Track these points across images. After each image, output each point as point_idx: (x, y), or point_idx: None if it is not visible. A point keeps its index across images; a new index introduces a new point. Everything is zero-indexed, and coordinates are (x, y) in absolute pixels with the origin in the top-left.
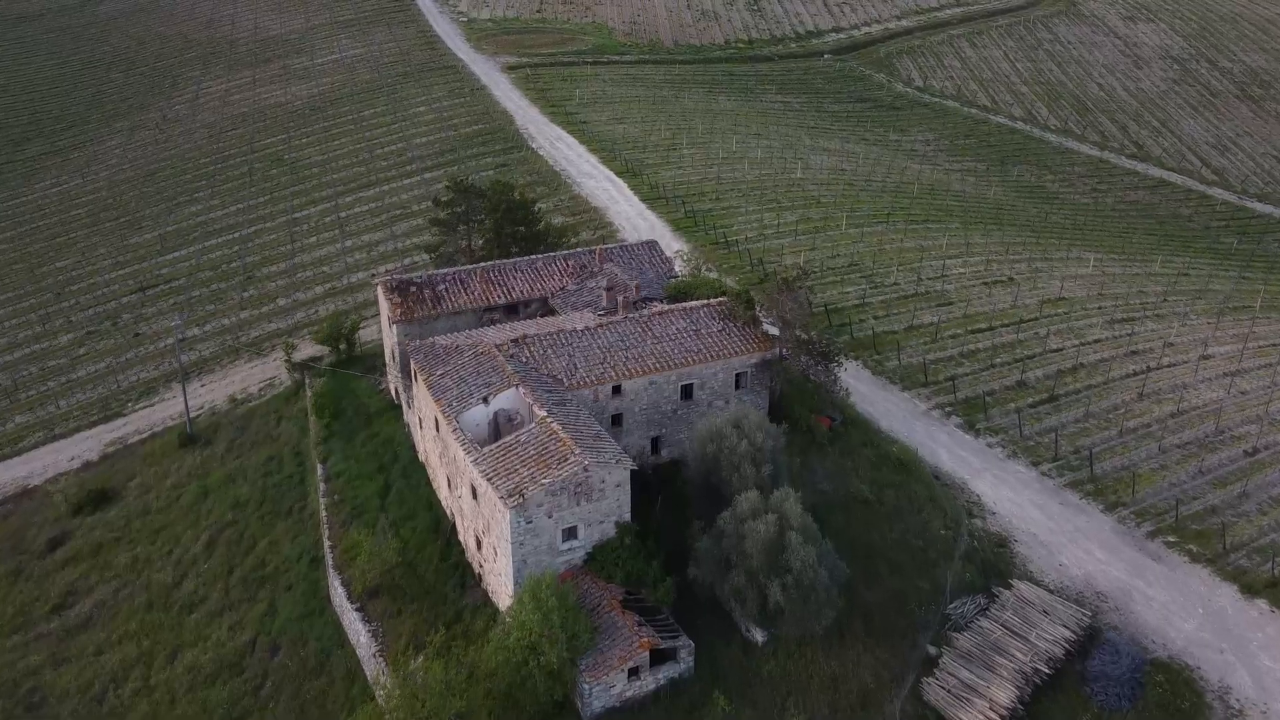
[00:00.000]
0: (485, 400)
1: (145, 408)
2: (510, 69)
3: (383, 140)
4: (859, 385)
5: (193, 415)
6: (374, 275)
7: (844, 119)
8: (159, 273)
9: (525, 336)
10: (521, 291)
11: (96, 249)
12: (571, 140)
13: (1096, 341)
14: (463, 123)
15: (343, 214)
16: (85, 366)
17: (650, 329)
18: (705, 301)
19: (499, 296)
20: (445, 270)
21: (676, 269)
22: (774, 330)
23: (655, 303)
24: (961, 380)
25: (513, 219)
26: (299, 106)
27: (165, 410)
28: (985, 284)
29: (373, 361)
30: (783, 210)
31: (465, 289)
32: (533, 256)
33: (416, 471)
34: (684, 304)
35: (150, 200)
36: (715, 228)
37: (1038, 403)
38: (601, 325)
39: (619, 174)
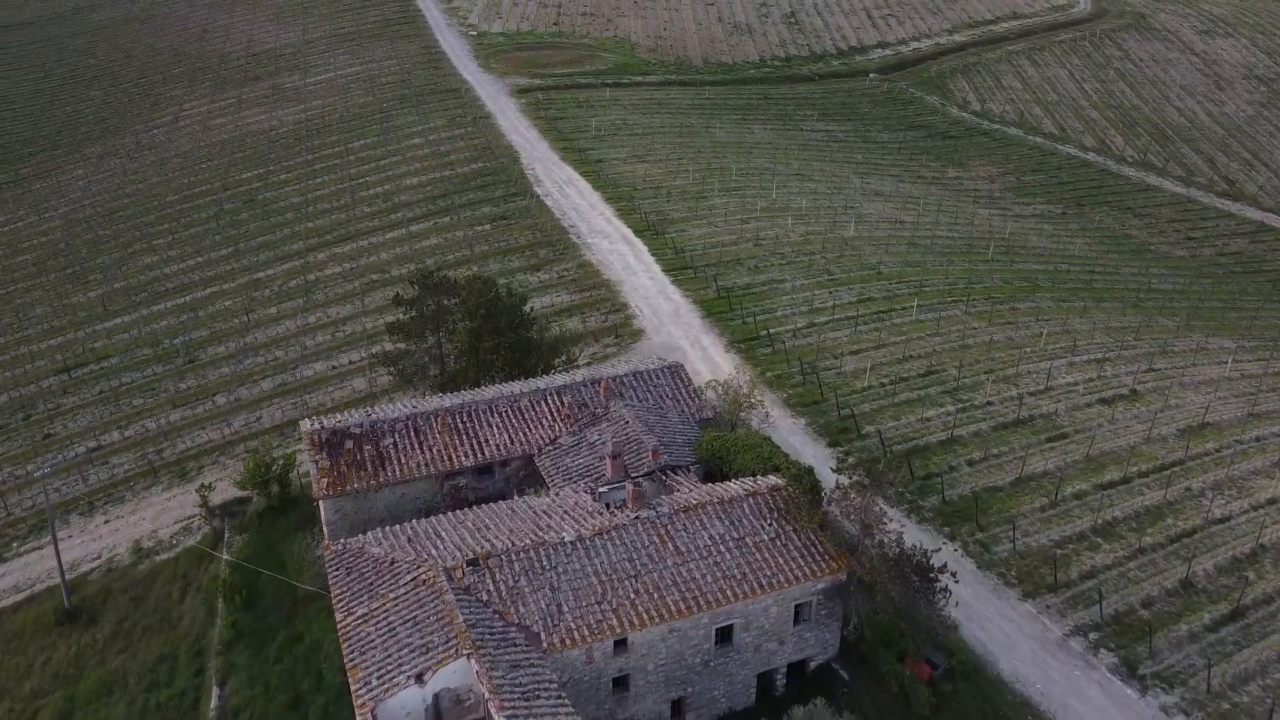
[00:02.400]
0: (420, 679)
1: (33, 550)
2: (520, 92)
3: (369, 179)
4: (962, 589)
5: (86, 569)
6: (334, 367)
7: (895, 151)
8: (93, 346)
9: (488, 557)
10: (498, 446)
11: (33, 308)
12: (584, 185)
13: (1272, 503)
14: (461, 160)
15: (311, 276)
16: None
17: (672, 538)
18: (751, 488)
19: (466, 455)
20: (393, 415)
21: (710, 399)
22: (844, 518)
23: (679, 474)
24: (1105, 577)
25: (495, 326)
26: (283, 134)
27: (60, 555)
28: (1103, 401)
29: (312, 510)
30: (836, 286)
31: (420, 444)
32: (515, 389)
33: (343, 711)
34: (720, 490)
35: (104, 246)
36: (754, 313)
37: (1218, 622)
38: (601, 533)
39: (638, 232)
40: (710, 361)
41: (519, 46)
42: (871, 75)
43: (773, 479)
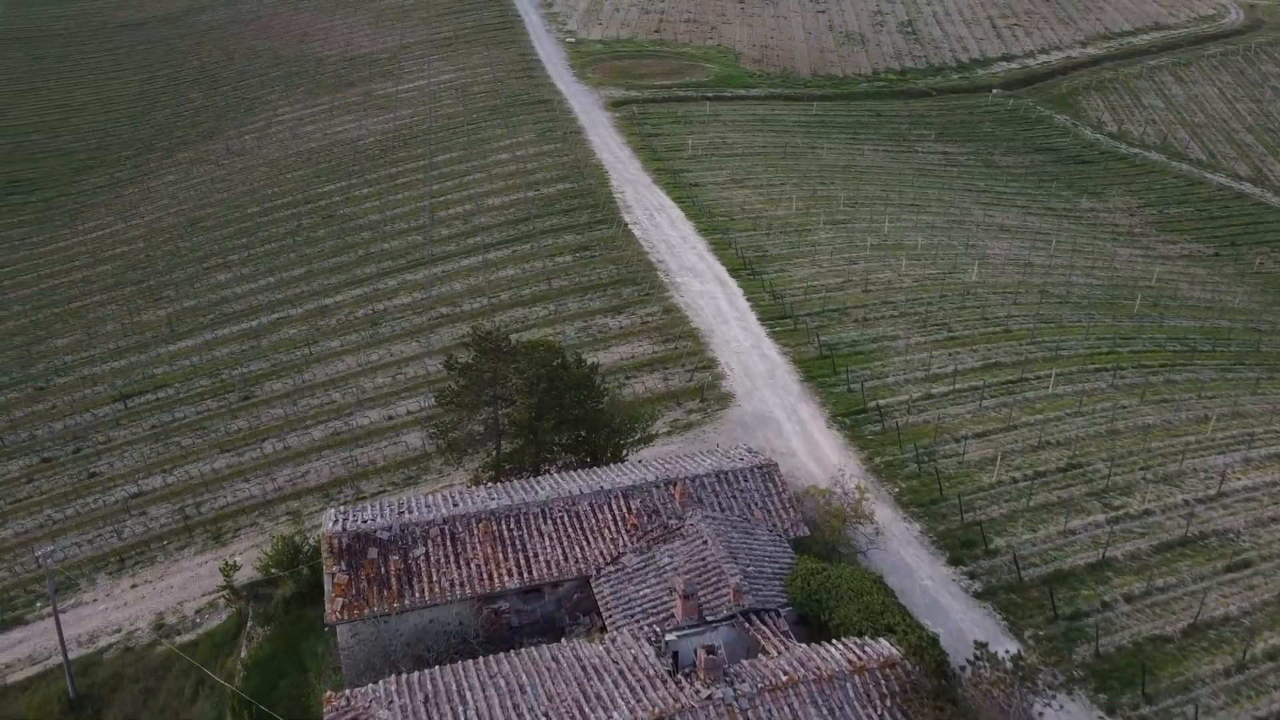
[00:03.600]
0: None
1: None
2: (614, 105)
3: (450, 197)
4: None
5: (104, 644)
6: (390, 417)
7: (1021, 177)
8: (154, 372)
9: None
10: (549, 563)
11: (104, 324)
12: (676, 213)
13: None
14: (547, 179)
15: (380, 305)
16: (16, 521)
17: None
18: (857, 661)
19: (510, 574)
20: (428, 515)
21: (807, 509)
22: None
23: (766, 622)
24: None
25: (558, 402)
26: (369, 145)
27: (79, 623)
28: None
29: None
30: (957, 346)
31: (457, 556)
32: (575, 488)
33: None
34: (818, 661)
35: (182, 259)
36: (861, 378)
37: None
38: (662, 718)
39: (733, 271)
40: (808, 439)
41: (617, 55)
42: (995, 91)
43: (885, 646)
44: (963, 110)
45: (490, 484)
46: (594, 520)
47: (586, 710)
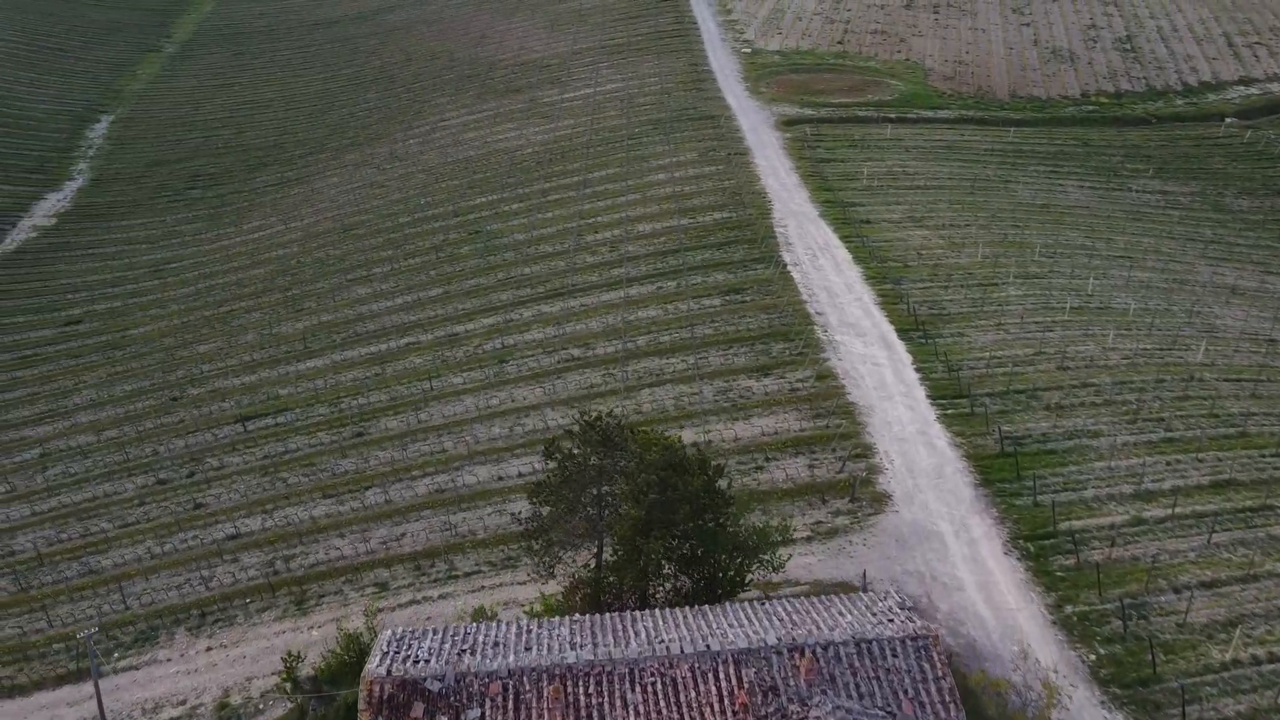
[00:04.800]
0: None
1: (131, 668)
2: (786, 124)
3: (600, 220)
4: None
5: (166, 717)
6: (500, 478)
7: (1259, 225)
8: (278, 393)
9: None
10: None
11: (245, 333)
12: (842, 255)
13: None
14: (703, 206)
15: (510, 339)
16: (119, 548)
17: None
18: None
19: None
20: (490, 665)
21: (971, 685)
22: None
23: None
24: None
25: (670, 514)
26: (526, 156)
27: (149, 684)
28: None
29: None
30: (1178, 452)
31: None
32: (674, 644)
33: None
34: None
35: (329, 268)
36: (1052, 488)
37: None
38: None
39: (902, 331)
40: (979, 568)
41: (794, 68)
42: (1229, 120)
43: None
44: (1188, 142)
45: (578, 616)
46: (694, 692)
47: None
